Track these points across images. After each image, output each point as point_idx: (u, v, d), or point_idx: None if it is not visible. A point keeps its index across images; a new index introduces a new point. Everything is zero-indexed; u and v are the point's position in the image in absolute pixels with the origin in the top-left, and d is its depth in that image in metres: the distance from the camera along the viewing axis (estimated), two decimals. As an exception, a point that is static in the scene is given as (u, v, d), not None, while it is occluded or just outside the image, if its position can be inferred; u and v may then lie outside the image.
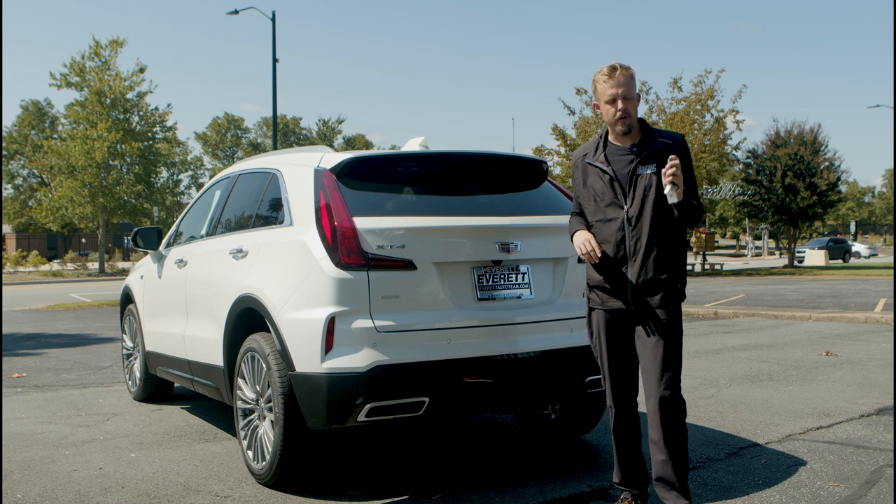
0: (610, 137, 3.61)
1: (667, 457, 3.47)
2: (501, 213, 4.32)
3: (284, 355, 4.02)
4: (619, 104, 3.47)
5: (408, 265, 3.93)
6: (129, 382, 6.96)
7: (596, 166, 3.59)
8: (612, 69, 3.48)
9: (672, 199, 3.36)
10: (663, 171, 3.35)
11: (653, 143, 3.51)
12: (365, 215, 3.99)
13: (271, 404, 4.12)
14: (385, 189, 4.31)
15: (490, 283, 4.15)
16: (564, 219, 4.42)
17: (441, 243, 4.04)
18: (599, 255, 3.51)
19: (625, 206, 3.50)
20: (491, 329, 4.08)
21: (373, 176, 4.29)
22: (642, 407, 3.73)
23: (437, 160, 4.50)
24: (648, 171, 3.48)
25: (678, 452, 3.48)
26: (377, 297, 3.86)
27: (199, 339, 5.18)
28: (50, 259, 47.53)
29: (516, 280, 4.23)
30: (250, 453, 4.39)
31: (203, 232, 5.67)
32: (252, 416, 4.43)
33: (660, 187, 3.45)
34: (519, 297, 4.21)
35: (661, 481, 3.51)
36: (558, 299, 4.32)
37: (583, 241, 3.54)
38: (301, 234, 4.12)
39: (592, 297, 3.65)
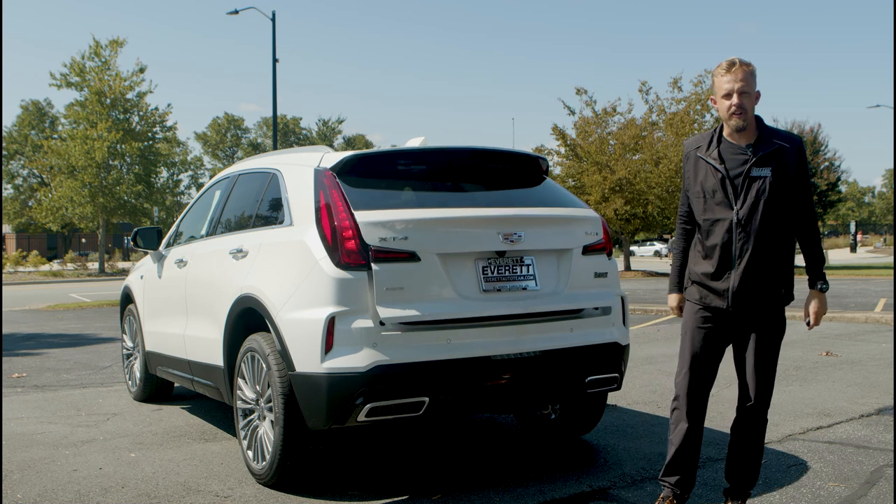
0: (724, 133, 3.55)
1: (738, 467, 3.66)
2: (503, 205, 4.33)
3: (284, 355, 4.02)
4: (735, 98, 3.40)
5: (411, 257, 3.92)
6: (129, 382, 6.96)
7: (709, 162, 3.52)
8: (731, 63, 3.43)
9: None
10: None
11: (769, 145, 3.44)
12: (367, 209, 3.99)
13: (271, 404, 4.12)
14: (386, 185, 4.32)
15: (495, 274, 4.13)
16: (568, 210, 4.44)
17: (444, 234, 4.02)
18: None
19: (735, 207, 3.45)
20: (492, 329, 4.08)
21: (374, 173, 4.30)
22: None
23: (437, 156, 4.52)
24: (763, 174, 3.41)
25: (751, 466, 3.66)
26: (381, 288, 3.84)
27: (199, 339, 5.18)
28: (50, 259, 47.49)
29: (521, 272, 4.21)
30: (250, 453, 4.39)
31: (203, 232, 5.67)
32: (252, 416, 4.43)
33: (772, 191, 3.41)
34: (524, 289, 4.19)
35: (727, 491, 3.71)
36: (564, 290, 4.30)
37: (673, 307, 3.79)
38: (301, 234, 4.12)
39: (692, 291, 3.64)
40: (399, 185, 4.37)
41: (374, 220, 3.92)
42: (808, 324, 3.58)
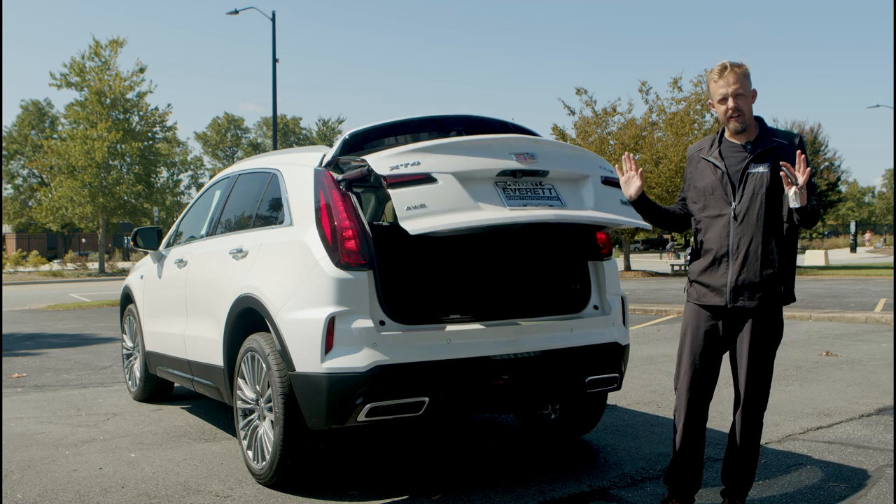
0: (726, 135, 3.61)
1: (734, 469, 3.66)
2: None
3: (284, 355, 4.02)
4: (731, 102, 3.47)
5: (427, 178, 3.78)
6: (129, 382, 6.96)
7: (709, 161, 3.59)
8: (723, 68, 3.48)
9: (794, 203, 3.30)
10: (782, 173, 3.27)
11: (767, 142, 3.50)
12: (373, 152, 3.97)
13: (271, 404, 4.12)
14: (391, 144, 4.43)
15: (517, 194, 4.00)
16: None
17: (455, 156, 3.89)
18: (634, 170, 3.67)
19: (732, 203, 3.50)
20: (493, 329, 4.08)
21: (377, 142, 4.42)
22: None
23: (437, 122, 4.64)
24: (760, 170, 3.47)
25: (747, 467, 3.65)
26: (402, 208, 3.67)
27: (199, 339, 5.18)
28: (50, 259, 47.44)
29: (543, 193, 4.08)
30: (250, 453, 4.39)
31: (203, 232, 5.67)
32: (252, 416, 4.43)
33: (770, 187, 3.44)
34: (550, 206, 4.06)
35: (724, 492, 3.71)
36: (591, 207, 4.16)
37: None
38: (301, 234, 4.12)
39: (691, 291, 3.67)
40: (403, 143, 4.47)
41: (383, 155, 3.84)
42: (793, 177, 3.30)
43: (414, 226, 3.64)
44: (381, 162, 3.80)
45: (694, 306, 3.66)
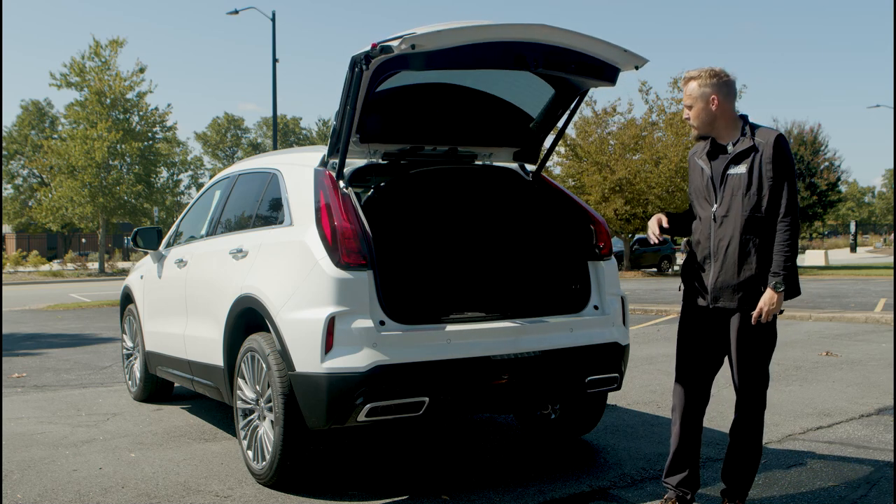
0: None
1: (735, 468, 3.66)
2: None
3: (284, 355, 4.02)
4: (685, 112, 3.65)
5: (411, 32, 3.71)
6: (129, 382, 6.96)
7: (698, 163, 3.67)
8: (684, 79, 3.64)
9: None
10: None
11: (746, 143, 3.54)
12: None
13: (271, 404, 4.12)
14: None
15: None
16: None
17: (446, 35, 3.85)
18: (657, 237, 3.62)
19: (714, 205, 3.56)
20: (492, 329, 4.09)
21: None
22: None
23: None
24: (739, 172, 3.51)
25: (747, 467, 3.66)
26: (397, 43, 3.63)
27: (199, 339, 5.18)
28: (50, 259, 47.37)
29: None
30: (250, 453, 4.39)
31: (203, 232, 5.67)
32: (252, 416, 4.43)
33: (748, 188, 3.47)
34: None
35: (725, 492, 3.72)
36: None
37: (652, 220, 3.70)
38: (301, 234, 4.12)
39: (685, 292, 3.73)
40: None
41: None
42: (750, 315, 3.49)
43: (415, 39, 3.59)
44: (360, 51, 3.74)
45: (686, 307, 3.71)
